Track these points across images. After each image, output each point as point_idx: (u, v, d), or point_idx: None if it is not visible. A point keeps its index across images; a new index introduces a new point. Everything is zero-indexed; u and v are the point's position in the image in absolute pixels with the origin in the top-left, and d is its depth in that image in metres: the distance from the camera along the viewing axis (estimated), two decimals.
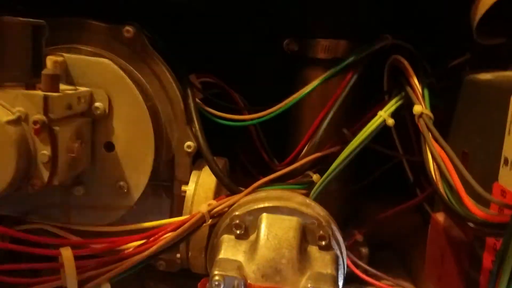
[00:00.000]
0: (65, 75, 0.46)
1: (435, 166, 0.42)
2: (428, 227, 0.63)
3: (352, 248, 0.61)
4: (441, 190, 0.41)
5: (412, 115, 0.49)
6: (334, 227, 0.47)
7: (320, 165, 0.56)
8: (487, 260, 0.40)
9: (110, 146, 0.49)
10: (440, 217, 0.51)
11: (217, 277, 0.41)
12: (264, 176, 0.53)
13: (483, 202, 0.37)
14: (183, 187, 0.53)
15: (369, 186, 0.66)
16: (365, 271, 0.57)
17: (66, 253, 0.38)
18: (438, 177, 0.42)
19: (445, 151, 0.41)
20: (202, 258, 0.53)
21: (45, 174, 0.41)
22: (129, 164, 0.50)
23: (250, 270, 0.42)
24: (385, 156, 0.63)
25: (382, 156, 0.62)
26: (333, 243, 0.45)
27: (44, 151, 0.40)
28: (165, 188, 0.56)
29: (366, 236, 0.63)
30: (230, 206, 0.48)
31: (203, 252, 0.53)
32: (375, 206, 0.66)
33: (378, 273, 0.57)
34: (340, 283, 0.45)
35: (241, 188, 0.51)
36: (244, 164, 0.67)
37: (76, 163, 0.45)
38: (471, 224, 0.37)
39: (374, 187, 0.67)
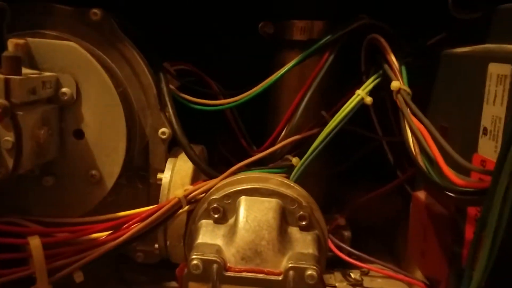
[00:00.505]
0: (28, 59, 0.43)
1: (414, 141, 0.42)
2: (409, 209, 0.63)
3: (334, 232, 0.60)
4: (421, 164, 0.40)
5: (391, 95, 0.48)
6: (315, 207, 0.46)
7: (299, 149, 0.55)
8: (469, 232, 0.40)
9: (79, 134, 0.47)
10: (421, 195, 0.50)
11: (195, 261, 0.39)
12: None
13: (463, 174, 0.37)
14: (159, 175, 0.52)
15: (350, 170, 0.66)
16: (349, 254, 0.57)
17: (34, 242, 0.36)
18: (417, 151, 0.41)
19: (424, 125, 0.41)
20: (181, 247, 0.51)
21: (9, 162, 0.39)
22: (100, 152, 0.48)
23: (230, 253, 0.41)
24: (365, 139, 0.62)
25: (362, 139, 0.62)
26: (314, 223, 0.44)
27: (7, 138, 0.38)
28: (140, 177, 0.54)
29: (348, 220, 0.62)
30: (207, 190, 0.46)
31: (182, 240, 0.51)
32: (356, 190, 0.66)
33: (362, 255, 0.56)
34: (323, 263, 0.44)
35: (219, 174, 0.50)
36: (223, 154, 0.66)
37: (43, 151, 0.43)
38: (451, 195, 0.36)
39: (355, 171, 0.66)
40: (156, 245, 0.53)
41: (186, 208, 0.45)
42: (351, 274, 0.58)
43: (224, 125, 0.62)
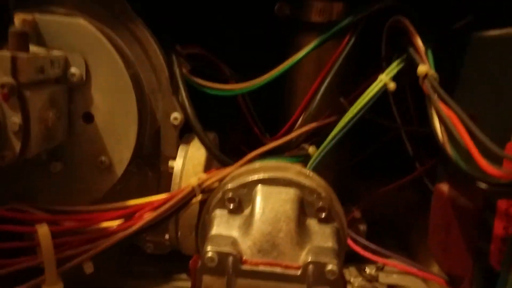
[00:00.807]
0: (35, 36, 0.41)
1: (443, 129, 0.39)
2: (426, 202, 0.61)
3: (349, 225, 0.58)
4: (450, 153, 0.38)
5: (412, 81, 0.46)
6: (334, 199, 0.44)
7: (316, 137, 0.52)
8: (498, 227, 0.38)
9: (89, 117, 0.45)
10: (444, 187, 0.48)
11: (210, 254, 0.37)
12: None
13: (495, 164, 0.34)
14: (170, 163, 0.50)
15: (367, 162, 0.63)
16: (364, 248, 0.54)
17: (42, 230, 0.34)
18: (446, 139, 0.39)
19: (454, 111, 0.38)
20: (193, 238, 0.49)
21: (17, 145, 0.37)
22: (110, 137, 0.46)
23: (246, 246, 0.39)
24: (383, 129, 0.60)
25: (380, 129, 0.60)
26: (333, 215, 0.42)
27: (15, 119, 0.36)
28: (151, 164, 0.52)
29: (363, 212, 0.60)
30: (221, 179, 0.44)
31: (194, 231, 0.49)
32: (372, 182, 0.63)
33: (378, 249, 0.54)
34: (342, 258, 0.42)
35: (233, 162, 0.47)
36: (235, 143, 0.63)
37: (51, 134, 0.41)
38: (483, 186, 0.34)
39: (371, 162, 0.64)
40: (167, 236, 0.51)
41: (199, 197, 0.43)
42: (366, 269, 0.56)
43: (236, 112, 0.59)
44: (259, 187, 0.42)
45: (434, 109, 0.40)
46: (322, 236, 0.41)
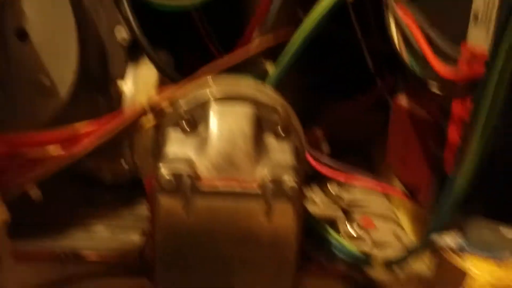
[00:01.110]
0: None
1: (399, 34, 0.38)
2: (388, 121, 0.60)
3: (311, 145, 0.57)
4: (406, 58, 0.37)
5: None
6: (292, 114, 0.42)
7: (274, 54, 0.50)
8: (453, 134, 0.37)
9: (23, 35, 0.41)
10: (402, 100, 0.48)
11: (164, 174, 0.36)
12: None
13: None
14: (120, 84, 0.47)
15: (327, 81, 0.62)
16: (327, 166, 0.54)
17: None
18: (402, 45, 0.37)
19: (409, 15, 0.36)
20: (151, 163, 0.48)
21: None
22: (49, 56, 0.42)
23: (202, 165, 0.37)
24: (343, 47, 0.58)
25: (340, 47, 0.58)
26: (291, 131, 0.41)
27: None
28: (100, 88, 0.49)
29: (326, 133, 0.60)
30: (174, 98, 0.42)
31: (150, 156, 0.47)
32: (334, 101, 0.62)
33: (340, 167, 0.54)
34: (301, 174, 0.42)
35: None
36: (190, 63, 0.60)
37: None
38: (436, 90, 0.33)
39: (332, 81, 0.62)
40: (124, 163, 0.49)
41: (151, 118, 0.41)
42: (328, 187, 0.57)
43: (190, 29, 0.56)
44: (213, 104, 0.40)
45: (391, 14, 0.39)
46: (280, 152, 0.40)
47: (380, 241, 0.48)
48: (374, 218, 0.54)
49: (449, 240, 0.29)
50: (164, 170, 0.36)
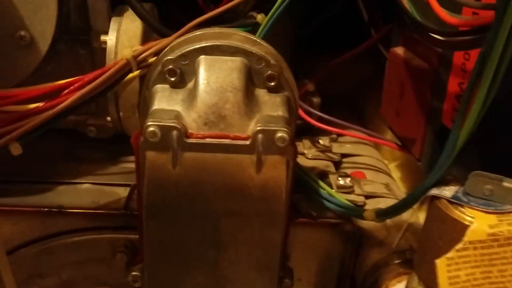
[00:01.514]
0: None
1: None
2: (381, 73, 0.59)
3: (303, 98, 0.56)
4: (407, 6, 0.35)
5: None
6: (284, 66, 0.41)
7: (264, 5, 0.48)
8: (453, 84, 0.36)
9: None
10: (399, 50, 0.46)
11: (151, 128, 0.34)
12: None
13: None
14: (103, 37, 0.45)
15: (319, 31, 0.60)
16: (319, 120, 0.53)
17: None
18: None
19: None
20: (136, 118, 0.46)
21: None
22: (27, 8, 0.40)
23: (191, 119, 0.36)
24: None
25: None
26: (283, 83, 0.39)
27: None
28: (81, 42, 0.47)
29: (317, 86, 0.58)
30: (160, 51, 0.40)
31: (136, 111, 0.46)
32: (326, 53, 0.61)
33: (331, 119, 0.53)
34: (293, 127, 0.41)
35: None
36: (175, 15, 0.58)
37: None
38: (441, 38, 0.31)
39: (324, 32, 0.60)
40: (109, 118, 0.47)
41: (137, 72, 0.39)
42: (319, 140, 0.56)
43: None
44: (202, 57, 0.38)
45: None
46: (271, 105, 0.38)
47: (371, 192, 0.48)
48: (365, 171, 0.53)
49: (448, 192, 0.29)
50: (152, 125, 0.35)
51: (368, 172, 0.52)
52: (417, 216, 0.39)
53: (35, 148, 0.39)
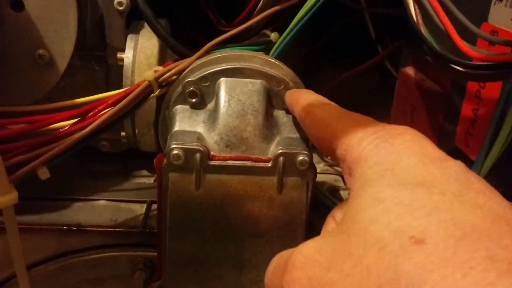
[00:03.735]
0: None
1: (417, 8, 0.37)
2: (385, 85, 0.60)
3: None
4: (425, 34, 0.36)
5: None
6: (302, 88, 0.42)
7: (278, 23, 0.48)
8: (467, 108, 0.38)
9: (18, 5, 0.39)
10: (409, 70, 0.47)
11: (175, 151, 0.35)
12: (210, 41, 0.45)
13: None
14: (119, 55, 0.45)
15: (327, 47, 0.61)
16: None
17: None
18: (420, 20, 0.37)
19: None
20: (152, 134, 0.47)
21: None
22: (47, 27, 0.40)
23: (212, 141, 0.37)
24: (345, 11, 0.57)
25: (341, 12, 0.56)
26: None
27: None
28: (96, 57, 0.47)
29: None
30: (180, 72, 0.40)
31: (152, 127, 0.46)
32: (333, 68, 0.62)
33: None
34: (310, 147, 0.42)
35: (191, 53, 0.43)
36: (186, 29, 0.58)
37: None
38: (461, 69, 0.33)
39: (332, 48, 0.62)
40: (123, 133, 0.48)
41: (157, 92, 0.39)
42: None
43: None
44: (223, 78, 0.39)
45: None
46: (290, 126, 0.39)
47: None
48: None
49: None
50: (176, 148, 0.35)
51: None
52: None
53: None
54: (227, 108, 0.37)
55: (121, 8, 0.43)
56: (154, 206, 0.45)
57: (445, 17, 0.33)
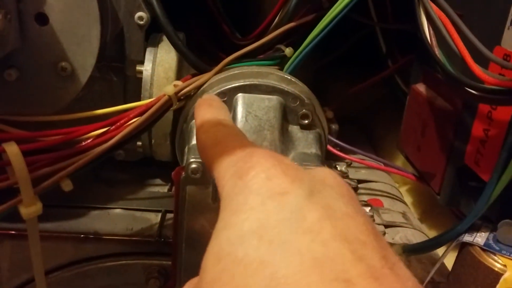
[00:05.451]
0: None
1: (431, 30, 0.38)
2: (393, 98, 0.61)
3: None
4: (439, 56, 0.37)
5: None
6: (316, 104, 0.43)
7: (292, 37, 0.50)
8: (478, 129, 0.39)
9: (42, 19, 0.40)
10: (420, 87, 0.48)
11: (194, 165, 0.36)
12: (224, 53, 0.46)
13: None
14: (139, 67, 0.46)
15: (339, 61, 0.62)
16: (335, 146, 0.55)
17: (12, 149, 0.31)
18: (434, 42, 0.38)
19: (445, 11, 0.36)
20: (167, 145, 0.48)
21: None
22: (70, 40, 0.41)
23: None
24: (356, 26, 0.58)
25: (352, 26, 0.57)
26: (316, 121, 0.41)
27: None
28: (114, 69, 0.48)
29: (333, 109, 0.60)
30: (199, 86, 0.42)
31: (168, 138, 0.47)
32: (343, 81, 0.63)
33: (348, 147, 0.55)
34: (324, 162, 0.43)
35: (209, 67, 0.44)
36: (200, 41, 0.59)
37: (2, 39, 0.36)
38: (474, 92, 0.34)
39: (344, 61, 0.63)
40: (139, 143, 0.49)
41: (176, 106, 0.41)
42: (337, 166, 0.58)
43: (199, 4, 0.54)
44: (240, 94, 0.40)
45: (423, 8, 0.39)
46: (305, 142, 0.40)
47: (390, 222, 0.50)
48: (382, 198, 0.55)
49: (480, 239, 0.31)
50: (194, 162, 0.36)
51: (385, 199, 0.54)
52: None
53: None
54: (244, 123, 0.38)
55: (142, 22, 0.45)
56: (169, 215, 0.46)
57: (459, 40, 0.35)
